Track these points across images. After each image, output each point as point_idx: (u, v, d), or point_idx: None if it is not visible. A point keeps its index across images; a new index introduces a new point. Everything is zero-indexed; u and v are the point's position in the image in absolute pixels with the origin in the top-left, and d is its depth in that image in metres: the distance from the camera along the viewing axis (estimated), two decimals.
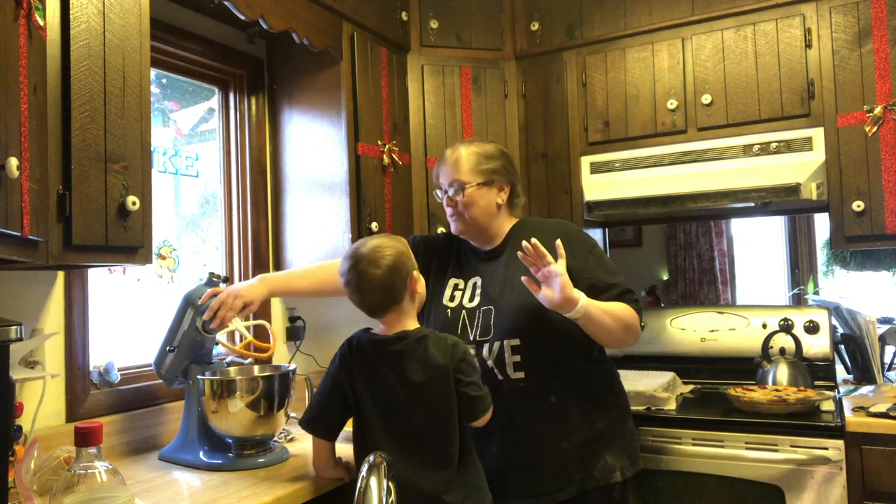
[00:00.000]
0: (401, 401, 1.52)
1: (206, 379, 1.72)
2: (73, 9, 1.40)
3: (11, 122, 1.12)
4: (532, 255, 1.57)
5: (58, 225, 1.37)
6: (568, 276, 1.56)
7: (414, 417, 1.52)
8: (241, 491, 1.52)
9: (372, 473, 0.97)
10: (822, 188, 2.27)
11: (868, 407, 2.01)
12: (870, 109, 2.20)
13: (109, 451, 1.76)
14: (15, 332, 1.05)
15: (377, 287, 1.54)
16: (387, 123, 2.49)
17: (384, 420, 1.53)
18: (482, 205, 1.80)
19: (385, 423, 1.53)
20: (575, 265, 1.70)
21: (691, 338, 2.68)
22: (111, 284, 2.01)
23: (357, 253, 1.56)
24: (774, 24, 2.36)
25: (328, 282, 1.91)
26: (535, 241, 1.56)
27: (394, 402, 1.53)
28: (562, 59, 2.72)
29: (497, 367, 1.73)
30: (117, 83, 1.49)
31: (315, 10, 2.21)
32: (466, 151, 1.82)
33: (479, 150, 1.83)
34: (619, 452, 1.74)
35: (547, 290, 1.57)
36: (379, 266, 1.53)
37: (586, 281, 1.70)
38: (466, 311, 1.80)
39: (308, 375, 1.93)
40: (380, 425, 1.53)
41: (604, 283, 1.71)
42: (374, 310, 1.58)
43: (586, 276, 1.71)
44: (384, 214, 2.42)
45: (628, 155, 2.58)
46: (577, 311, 1.57)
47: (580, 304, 1.57)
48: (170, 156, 2.22)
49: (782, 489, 1.98)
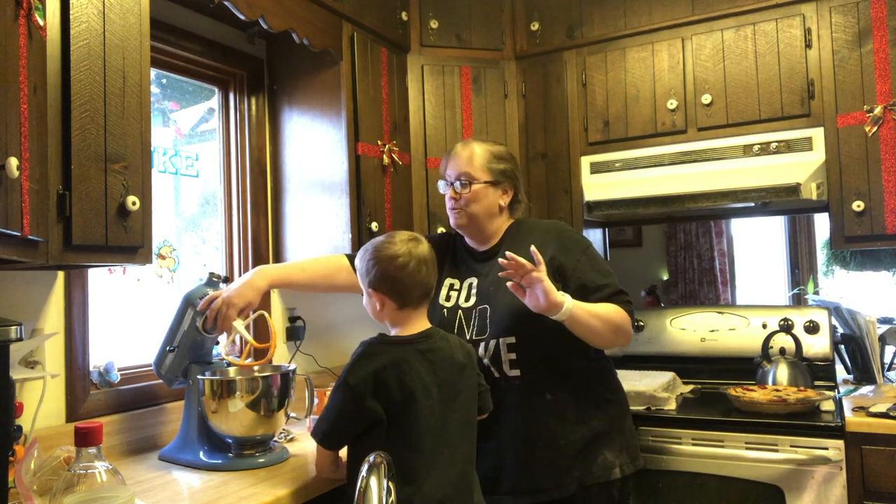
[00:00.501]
0: (438, 401, 1.51)
1: (206, 379, 1.72)
2: (73, 9, 1.40)
3: (11, 122, 1.12)
4: (512, 267, 1.57)
5: (58, 225, 1.37)
6: (550, 282, 1.57)
7: (451, 417, 1.52)
8: (241, 491, 1.52)
9: (372, 473, 0.97)
10: (822, 188, 2.27)
11: (868, 407, 2.01)
12: (870, 109, 2.20)
13: (109, 451, 1.76)
14: (15, 332, 1.05)
15: (434, 266, 1.58)
16: (387, 123, 2.49)
17: (426, 423, 1.48)
18: (485, 203, 1.82)
19: (428, 425, 1.48)
20: (568, 264, 1.73)
21: (691, 338, 2.68)
22: (111, 284, 2.01)
23: (400, 236, 1.57)
24: (774, 24, 2.36)
25: (329, 275, 1.91)
26: (510, 254, 1.55)
27: (434, 402, 1.50)
28: (562, 59, 2.72)
29: (493, 365, 1.74)
30: (117, 83, 1.49)
31: (315, 10, 2.21)
32: (480, 148, 1.84)
33: (492, 149, 1.85)
34: (619, 449, 1.74)
35: (531, 296, 1.59)
36: (428, 250, 1.58)
37: (577, 280, 1.71)
38: (463, 311, 1.80)
39: (308, 375, 1.93)
40: (421, 429, 1.47)
41: (595, 283, 1.72)
42: (427, 294, 1.58)
43: (578, 276, 1.72)
44: (384, 214, 2.42)
45: (628, 155, 2.58)
46: (562, 313, 1.58)
47: (565, 307, 1.58)
48: (170, 156, 2.22)
49: (782, 489, 1.98)
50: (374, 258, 1.55)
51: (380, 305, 1.56)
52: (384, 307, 1.56)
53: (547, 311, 1.59)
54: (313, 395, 1.91)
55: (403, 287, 1.53)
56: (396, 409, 1.46)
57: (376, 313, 1.60)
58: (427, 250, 1.57)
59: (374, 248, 1.57)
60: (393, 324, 1.59)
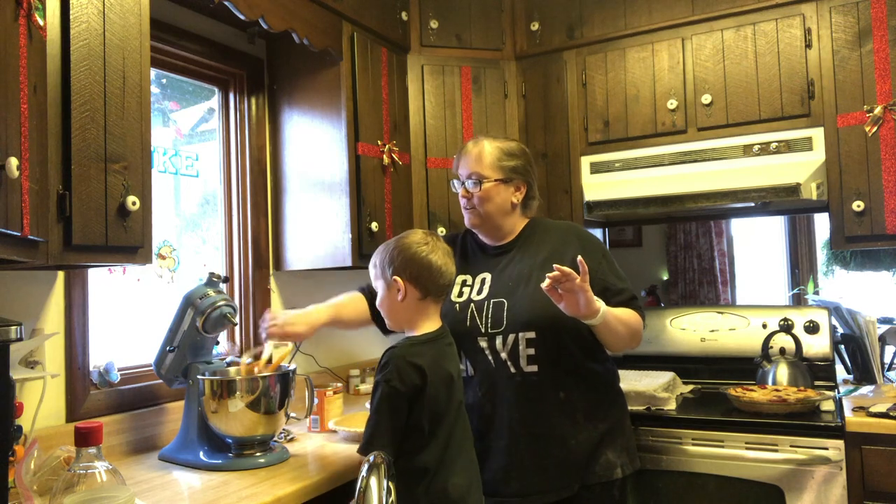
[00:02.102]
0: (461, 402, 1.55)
1: (206, 379, 1.72)
2: (73, 9, 1.40)
3: (11, 122, 1.12)
4: (560, 279, 1.54)
5: (58, 225, 1.37)
6: (591, 291, 1.57)
7: (464, 409, 1.58)
8: (241, 491, 1.52)
9: (372, 473, 0.97)
10: (822, 188, 2.27)
11: (868, 407, 2.01)
12: (870, 109, 2.20)
13: (109, 451, 1.76)
14: (15, 332, 1.05)
15: (452, 260, 1.58)
16: (387, 123, 2.48)
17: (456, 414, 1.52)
18: (497, 202, 1.81)
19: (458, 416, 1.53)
20: (590, 266, 1.72)
21: (691, 338, 2.68)
22: (111, 284, 2.01)
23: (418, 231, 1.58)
24: (774, 24, 2.36)
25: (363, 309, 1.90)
26: (558, 267, 1.53)
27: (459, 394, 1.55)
28: (562, 59, 2.72)
29: (511, 360, 1.73)
30: (117, 83, 1.49)
31: (315, 10, 2.21)
32: (490, 146, 1.82)
33: (503, 146, 1.83)
34: (620, 449, 1.75)
35: (570, 301, 1.57)
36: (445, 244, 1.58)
37: (600, 283, 1.72)
38: (475, 304, 1.80)
39: (308, 375, 1.93)
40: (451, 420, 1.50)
41: (616, 287, 1.75)
42: (447, 286, 1.57)
43: (601, 278, 1.73)
44: (384, 214, 2.42)
45: (628, 155, 2.58)
46: (598, 318, 1.60)
47: (601, 312, 1.60)
48: (170, 156, 2.22)
49: (782, 489, 1.98)
50: (397, 247, 1.54)
51: (402, 295, 1.52)
52: (406, 297, 1.52)
53: (584, 316, 1.59)
54: (313, 395, 1.91)
55: (429, 273, 1.52)
56: (441, 408, 1.47)
57: (395, 306, 1.55)
58: (445, 244, 1.58)
59: (394, 240, 1.57)
60: (410, 320, 1.55)
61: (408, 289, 1.52)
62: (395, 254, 1.53)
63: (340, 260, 2.31)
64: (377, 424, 1.42)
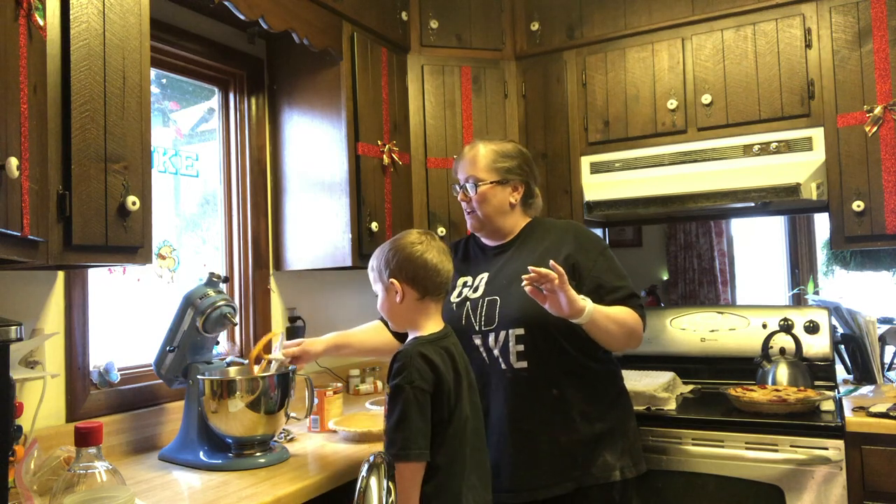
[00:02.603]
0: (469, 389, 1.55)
1: (206, 379, 1.72)
2: (73, 9, 1.40)
3: (11, 122, 1.12)
4: (536, 280, 1.55)
5: (58, 225, 1.37)
6: (572, 290, 1.57)
7: (476, 409, 1.57)
8: (241, 491, 1.52)
9: (372, 473, 0.97)
10: (822, 188, 2.27)
11: (868, 407, 2.01)
12: (870, 109, 2.20)
13: (109, 451, 1.76)
14: (15, 332, 1.05)
15: (449, 257, 1.59)
16: (387, 123, 2.49)
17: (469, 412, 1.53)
18: (494, 203, 1.82)
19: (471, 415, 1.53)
20: (584, 264, 1.74)
21: (691, 338, 2.68)
22: (111, 284, 2.01)
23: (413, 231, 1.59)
24: (774, 24, 2.36)
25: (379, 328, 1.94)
26: (532, 269, 1.54)
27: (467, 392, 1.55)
28: (562, 59, 2.72)
29: (502, 357, 1.74)
30: (117, 83, 1.49)
31: (315, 10, 2.21)
32: (485, 149, 1.85)
33: (498, 148, 1.85)
34: (620, 452, 1.74)
35: (552, 301, 1.58)
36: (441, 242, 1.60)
37: (594, 280, 1.72)
38: (470, 302, 1.81)
39: (308, 375, 1.93)
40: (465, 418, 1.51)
41: (611, 284, 1.74)
42: (445, 283, 1.58)
43: (595, 276, 1.74)
44: (384, 214, 2.42)
45: (628, 155, 2.58)
46: (584, 316, 1.59)
47: (587, 311, 1.59)
48: (170, 156, 2.22)
49: (782, 489, 1.97)
50: (392, 248, 1.55)
51: (400, 297, 1.53)
52: (404, 299, 1.53)
53: (569, 316, 1.59)
54: (313, 395, 1.91)
55: (424, 272, 1.52)
56: (452, 406, 1.48)
57: (395, 308, 1.56)
58: (441, 242, 1.59)
59: (389, 243, 1.58)
60: (412, 321, 1.56)
61: (405, 290, 1.53)
62: (391, 256, 1.54)
63: (340, 260, 2.31)
64: (409, 427, 1.39)
